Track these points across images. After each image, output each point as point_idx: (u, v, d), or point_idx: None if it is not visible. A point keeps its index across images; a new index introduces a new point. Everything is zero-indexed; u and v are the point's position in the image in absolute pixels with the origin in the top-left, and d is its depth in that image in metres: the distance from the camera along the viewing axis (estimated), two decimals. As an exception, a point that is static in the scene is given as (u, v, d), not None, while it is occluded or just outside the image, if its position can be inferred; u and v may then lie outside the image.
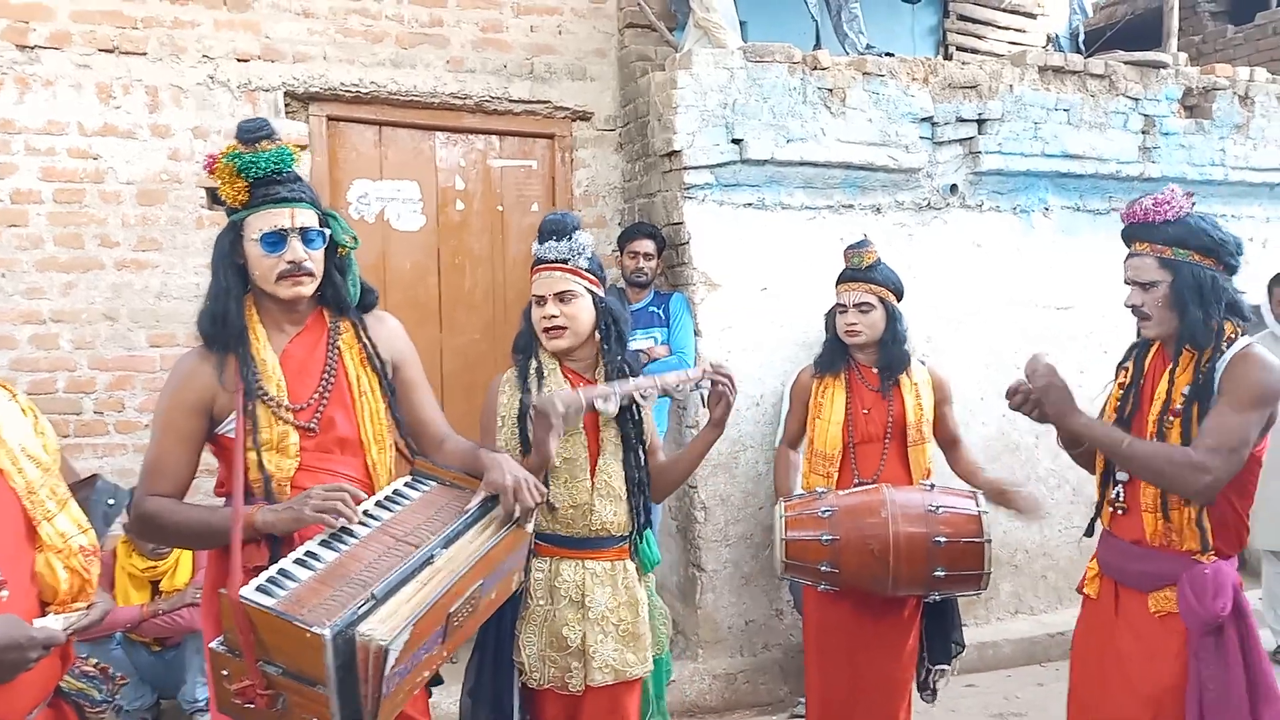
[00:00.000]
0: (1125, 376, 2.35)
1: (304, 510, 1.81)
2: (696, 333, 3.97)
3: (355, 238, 2.04)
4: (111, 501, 1.78)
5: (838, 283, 3.07)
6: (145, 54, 3.91)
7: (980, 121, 4.36)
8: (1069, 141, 4.46)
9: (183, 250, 3.97)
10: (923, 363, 3.16)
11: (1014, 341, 4.50)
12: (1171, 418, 2.16)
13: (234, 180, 1.90)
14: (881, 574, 2.63)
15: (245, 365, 1.92)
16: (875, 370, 3.00)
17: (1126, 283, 2.24)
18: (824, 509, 2.67)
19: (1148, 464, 2.12)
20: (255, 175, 1.88)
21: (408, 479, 2.01)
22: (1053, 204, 4.59)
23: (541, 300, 2.28)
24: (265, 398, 1.92)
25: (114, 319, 3.91)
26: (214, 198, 4.07)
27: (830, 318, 3.09)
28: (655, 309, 3.99)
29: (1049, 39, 6.00)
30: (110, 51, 3.87)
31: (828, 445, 2.95)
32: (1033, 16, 6.08)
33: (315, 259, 1.96)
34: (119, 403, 3.91)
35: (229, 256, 1.95)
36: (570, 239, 2.30)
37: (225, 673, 1.67)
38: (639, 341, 3.80)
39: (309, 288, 1.97)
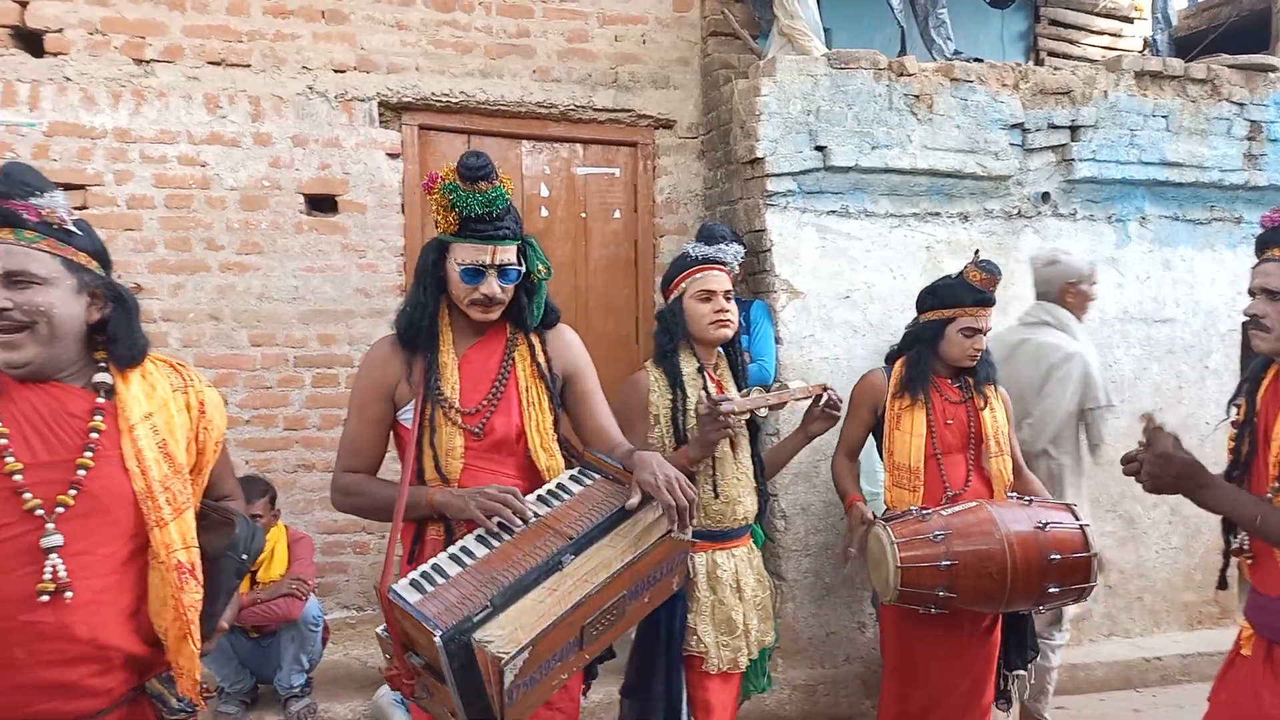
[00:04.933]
0: (1239, 413, 2.15)
1: (470, 504, 1.91)
2: (777, 340, 3.96)
3: (549, 268, 2.12)
4: (245, 556, 1.77)
5: (966, 304, 2.85)
6: (249, 66, 4.10)
7: (1073, 128, 4.26)
8: (1167, 149, 4.31)
9: (282, 254, 4.13)
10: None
11: (1109, 355, 4.36)
12: None
13: (447, 211, 1.98)
14: (998, 594, 2.61)
15: (430, 369, 2.04)
16: (951, 380, 2.94)
17: (1251, 292, 2.06)
18: (936, 533, 2.59)
19: None
20: (467, 214, 1.96)
21: (574, 472, 2.05)
22: (1150, 213, 4.44)
23: (710, 296, 2.54)
24: (441, 399, 2.02)
25: (219, 319, 4.09)
26: (312, 204, 4.26)
27: (933, 334, 2.90)
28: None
29: (1146, 43, 5.81)
30: (218, 64, 4.06)
31: (910, 458, 2.86)
32: (1129, 20, 5.89)
33: (508, 291, 2.06)
34: (222, 398, 4.08)
35: (432, 269, 2.05)
36: (730, 245, 2.60)
37: (387, 657, 1.78)
38: None
39: (497, 314, 2.08)
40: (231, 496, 1.93)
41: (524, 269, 2.08)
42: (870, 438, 3.06)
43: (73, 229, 1.60)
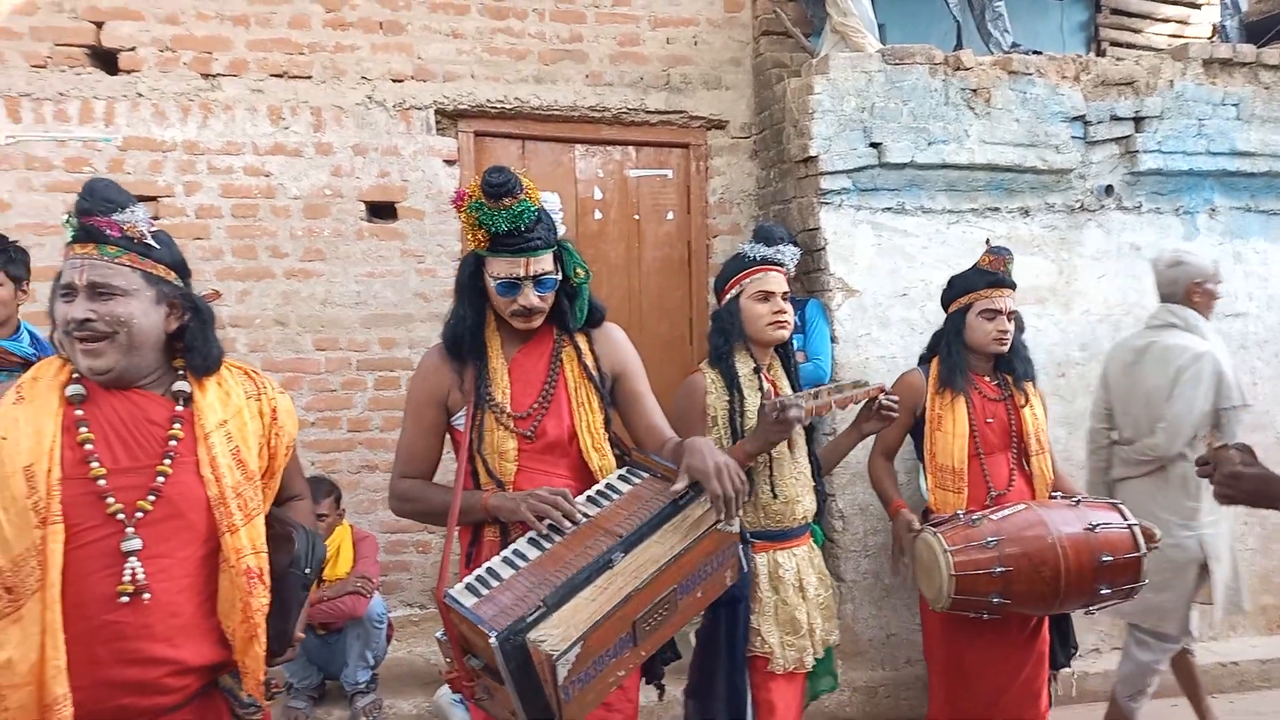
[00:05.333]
0: None
1: (521, 506, 1.94)
2: (833, 339, 3.93)
3: (588, 271, 2.13)
4: (308, 570, 1.82)
5: (979, 288, 2.88)
6: (310, 77, 4.21)
7: (1138, 119, 4.15)
8: (1238, 138, 4.18)
9: (344, 260, 4.24)
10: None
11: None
12: None
13: (476, 229, 2.01)
14: (1051, 598, 2.61)
15: (480, 377, 2.08)
16: (989, 378, 2.91)
17: None
18: (988, 539, 2.57)
19: None
20: (494, 231, 1.98)
21: (621, 472, 2.06)
22: (1220, 205, 4.31)
23: (768, 296, 2.55)
24: (493, 404, 2.06)
25: (284, 324, 4.21)
26: (372, 211, 4.35)
27: (956, 324, 2.91)
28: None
29: (1214, 30, 5.63)
30: (280, 76, 4.18)
31: (954, 459, 2.83)
32: (1196, 6, 5.71)
33: (546, 299, 2.08)
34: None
35: (470, 282, 2.10)
36: (787, 246, 2.60)
37: (446, 660, 1.82)
38: None
39: (538, 321, 2.10)
40: (300, 496, 1.99)
41: (561, 275, 2.09)
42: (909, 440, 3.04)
43: (152, 243, 1.67)
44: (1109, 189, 4.20)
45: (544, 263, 2.03)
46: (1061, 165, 4.06)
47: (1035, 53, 4.29)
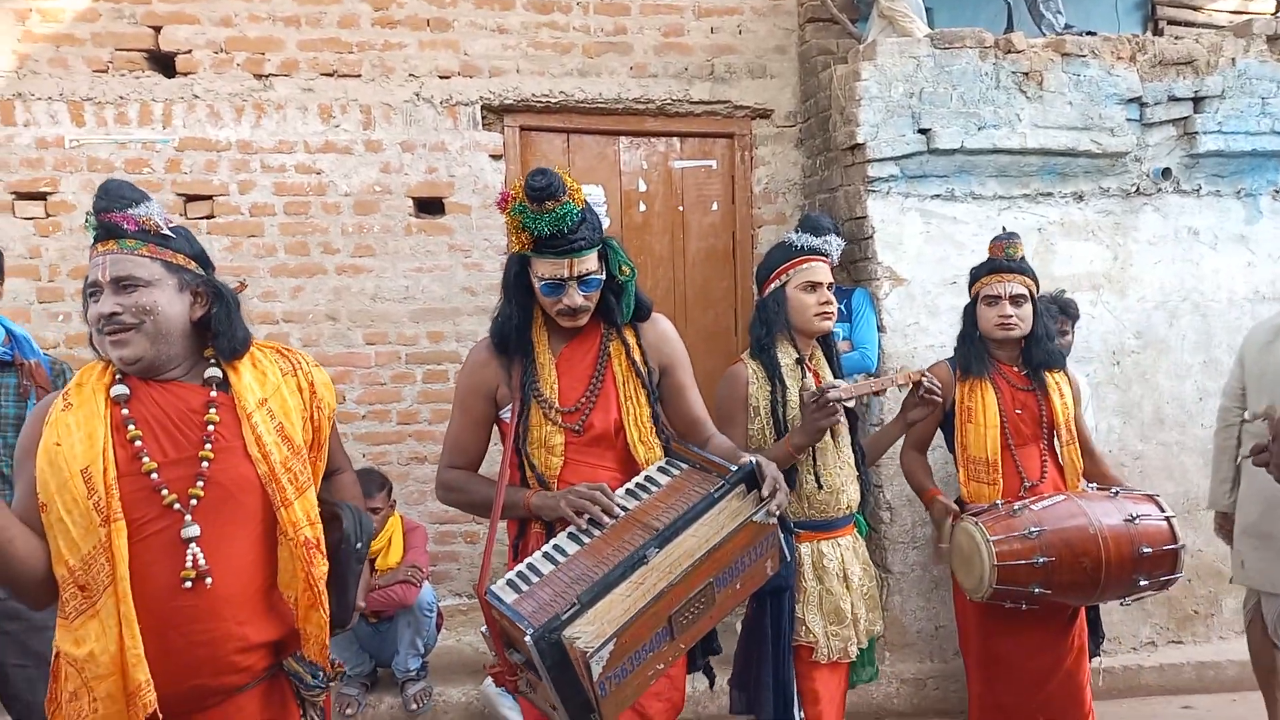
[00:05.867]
0: None
1: (560, 503, 1.97)
2: (881, 329, 3.89)
3: (633, 269, 2.14)
4: (360, 545, 1.86)
5: (982, 275, 2.90)
6: (360, 75, 4.27)
7: (1197, 100, 4.03)
8: (1304, 116, 4.04)
9: (393, 256, 4.30)
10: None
11: (1238, 338, 4.11)
12: None
13: (519, 231, 2.03)
14: (1090, 589, 2.63)
15: (527, 373, 2.10)
16: (1017, 368, 2.88)
17: None
18: (1030, 529, 2.57)
19: None
20: (537, 234, 2.00)
21: (661, 463, 2.06)
22: (1285, 186, 4.17)
23: (815, 287, 2.55)
24: (540, 399, 2.08)
25: (335, 319, 4.29)
26: (420, 207, 4.40)
27: (970, 313, 2.94)
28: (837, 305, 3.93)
29: (1279, 5, 5.43)
30: (330, 75, 4.26)
31: (987, 450, 2.81)
32: (1259, -19, 5.52)
33: (591, 298, 2.09)
34: (340, 395, 4.28)
35: (515, 281, 2.11)
36: (834, 236, 2.59)
37: (491, 653, 1.85)
38: None
39: (584, 320, 2.12)
40: (342, 470, 2.03)
41: (606, 273, 2.09)
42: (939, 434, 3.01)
43: (169, 233, 1.72)
44: (1166, 172, 4.08)
45: (588, 263, 2.04)
46: (1116, 148, 3.96)
47: (1089, 34, 4.18)
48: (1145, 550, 2.58)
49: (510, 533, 2.17)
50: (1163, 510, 2.69)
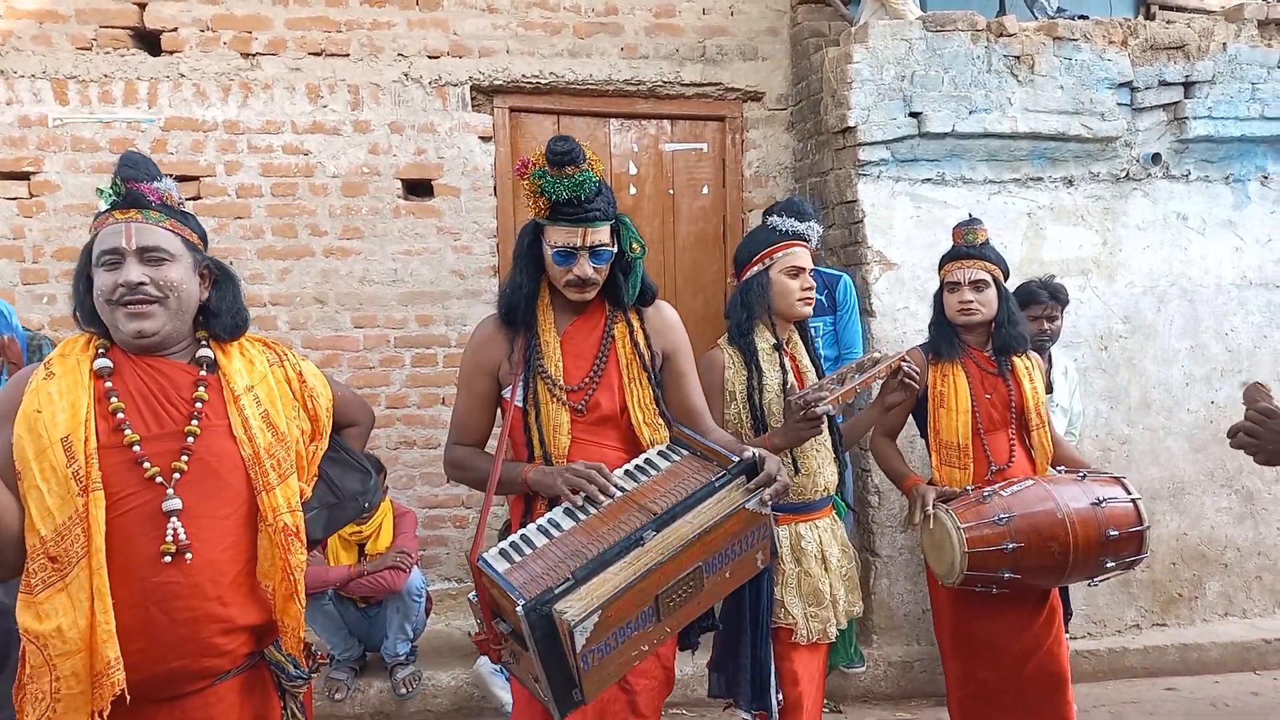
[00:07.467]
0: None
1: (556, 480, 1.97)
2: (871, 313, 3.89)
3: (643, 246, 2.14)
4: (367, 506, 1.97)
5: (945, 261, 2.94)
6: (348, 55, 4.23)
7: (1187, 84, 4.04)
8: (1294, 102, 4.05)
9: (381, 238, 4.27)
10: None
11: (1226, 323, 4.14)
12: None
13: (537, 196, 2.03)
14: (1058, 571, 2.68)
15: (531, 348, 2.11)
16: (987, 353, 2.89)
17: None
18: (999, 515, 2.61)
19: None
20: (555, 199, 2.00)
21: (661, 448, 2.06)
22: (1272, 172, 4.19)
23: (799, 272, 2.56)
24: (544, 375, 2.09)
25: (323, 302, 4.27)
26: (409, 189, 4.37)
27: (938, 300, 2.97)
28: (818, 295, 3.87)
29: (1270, -11, 5.42)
30: (318, 54, 4.21)
31: (958, 435, 2.83)
32: (1250, -34, 5.51)
33: (601, 271, 2.09)
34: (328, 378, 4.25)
35: (528, 252, 2.11)
36: (815, 222, 2.61)
37: (476, 622, 1.85)
38: None
39: (592, 293, 2.12)
40: (358, 422, 2.08)
41: (617, 248, 2.10)
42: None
43: (188, 211, 1.73)
44: (1156, 157, 4.09)
45: (601, 234, 2.05)
46: (1107, 133, 3.96)
47: (1081, 17, 4.18)
48: (1112, 533, 2.64)
49: (516, 510, 2.17)
50: (1129, 492, 2.73)
